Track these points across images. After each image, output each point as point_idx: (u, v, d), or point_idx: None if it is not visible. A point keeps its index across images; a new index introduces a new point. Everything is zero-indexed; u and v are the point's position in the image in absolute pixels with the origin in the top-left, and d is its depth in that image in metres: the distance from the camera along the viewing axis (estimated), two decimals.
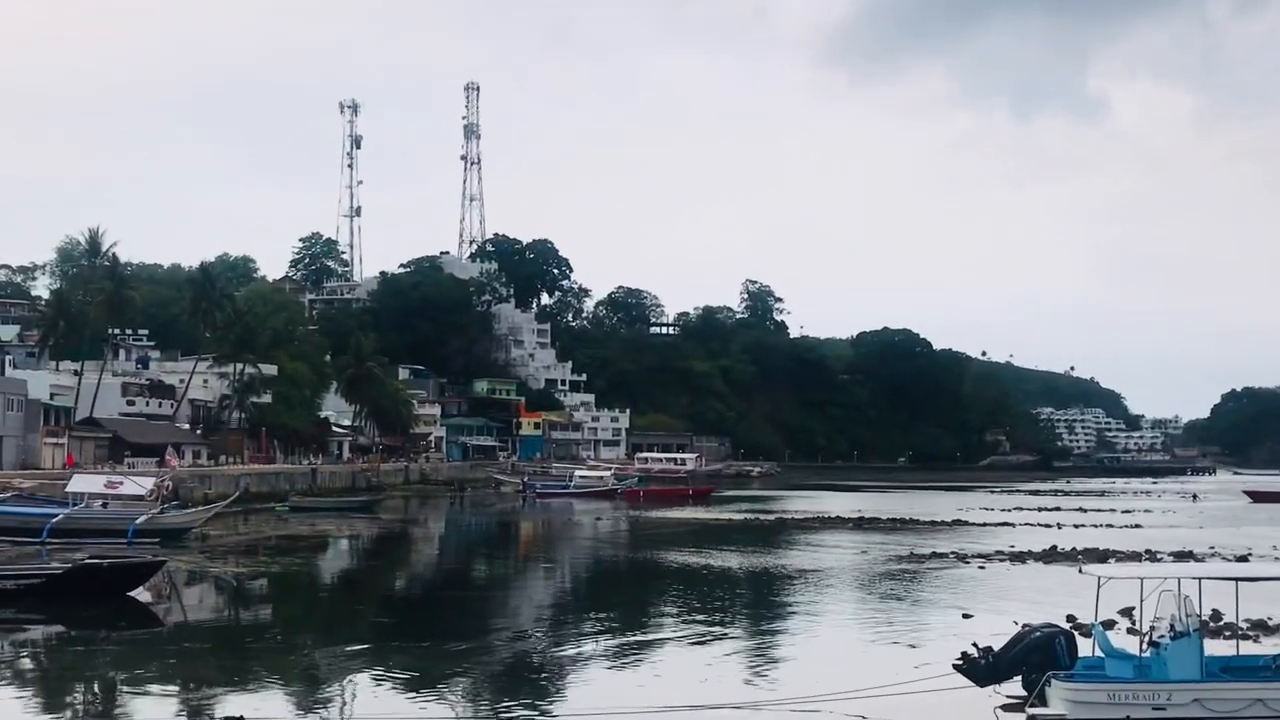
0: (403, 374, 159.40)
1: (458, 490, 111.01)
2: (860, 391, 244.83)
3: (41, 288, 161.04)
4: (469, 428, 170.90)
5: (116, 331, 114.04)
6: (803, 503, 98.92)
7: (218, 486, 76.86)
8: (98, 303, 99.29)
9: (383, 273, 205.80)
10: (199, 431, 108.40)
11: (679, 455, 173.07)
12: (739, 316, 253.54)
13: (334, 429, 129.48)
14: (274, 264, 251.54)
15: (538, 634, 32.01)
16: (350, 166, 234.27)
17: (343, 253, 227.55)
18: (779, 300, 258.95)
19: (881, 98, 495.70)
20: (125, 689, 24.33)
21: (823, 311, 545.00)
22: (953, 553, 51.45)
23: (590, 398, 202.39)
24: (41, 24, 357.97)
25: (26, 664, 27.50)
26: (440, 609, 38.15)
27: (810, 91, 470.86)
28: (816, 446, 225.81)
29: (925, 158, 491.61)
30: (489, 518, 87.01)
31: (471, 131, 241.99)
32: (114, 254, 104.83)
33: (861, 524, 71.78)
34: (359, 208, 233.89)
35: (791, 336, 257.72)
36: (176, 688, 23.96)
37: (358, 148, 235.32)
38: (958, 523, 73.68)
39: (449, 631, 31.56)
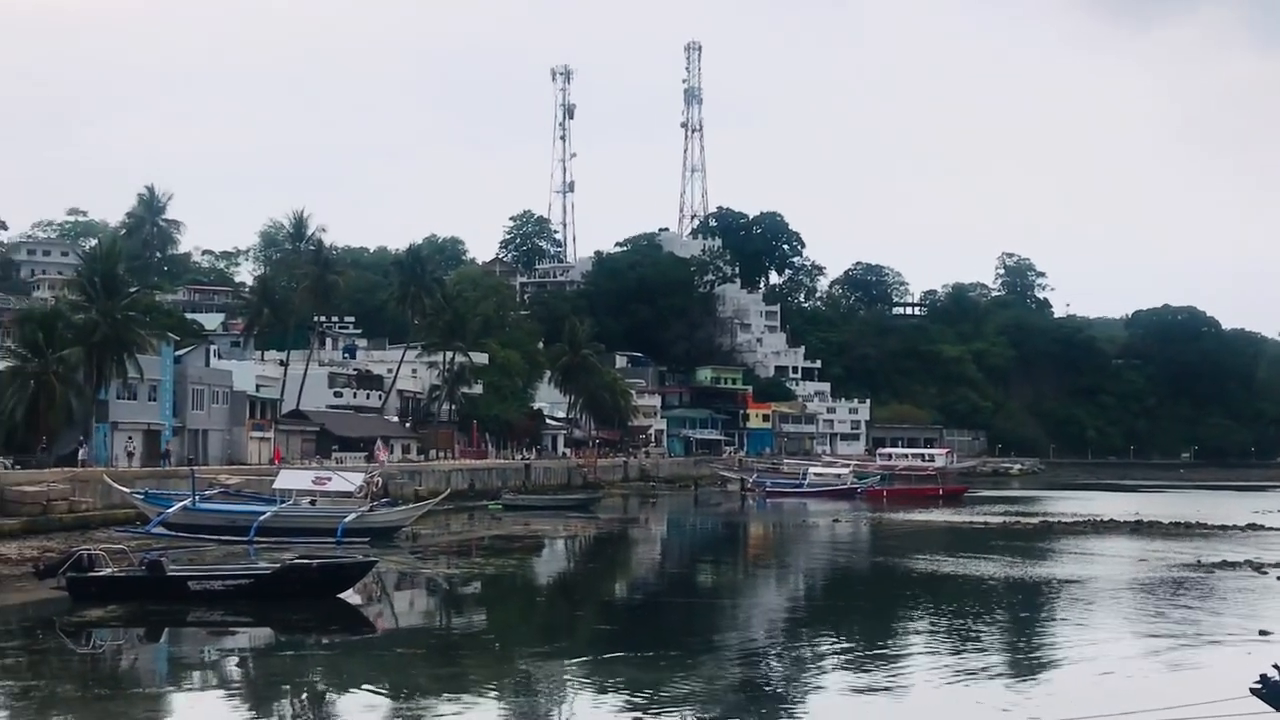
0: (620, 362, 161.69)
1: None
2: (1136, 378, 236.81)
3: (245, 273, 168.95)
4: (691, 420, 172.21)
5: (322, 319, 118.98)
6: (1070, 504, 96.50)
7: (428, 483, 79.59)
8: (303, 289, 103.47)
9: (598, 252, 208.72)
10: (408, 424, 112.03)
11: (927, 451, 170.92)
12: (995, 294, 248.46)
13: (548, 421, 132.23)
14: (483, 245, 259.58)
15: (770, 647, 32.11)
16: (563, 139, 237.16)
17: (555, 231, 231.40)
18: (1041, 275, 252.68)
19: (1154, 44, 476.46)
20: (335, 696, 25.40)
21: (1092, 288, 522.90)
22: (1247, 561, 49.79)
23: (825, 386, 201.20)
24: (246, 7, 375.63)
25: (234, 668, 28.95)
26: (664, 617, 38.57)
27: (1072, 40, 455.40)
28: (1085, 441, 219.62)
29: (1203, 109, 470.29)
30: (714, 518, 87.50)
31: (692, 96, 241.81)
32: (319, 237, 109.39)
33: (1139, 529, 69.99)
34: (572, 182, 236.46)
35: (1056, 316, 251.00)
36: (388, 696, 24.88)
37: (570, 118, 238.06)
38: (1252, 527, 70.79)
39: (674, 642, 31.89)
